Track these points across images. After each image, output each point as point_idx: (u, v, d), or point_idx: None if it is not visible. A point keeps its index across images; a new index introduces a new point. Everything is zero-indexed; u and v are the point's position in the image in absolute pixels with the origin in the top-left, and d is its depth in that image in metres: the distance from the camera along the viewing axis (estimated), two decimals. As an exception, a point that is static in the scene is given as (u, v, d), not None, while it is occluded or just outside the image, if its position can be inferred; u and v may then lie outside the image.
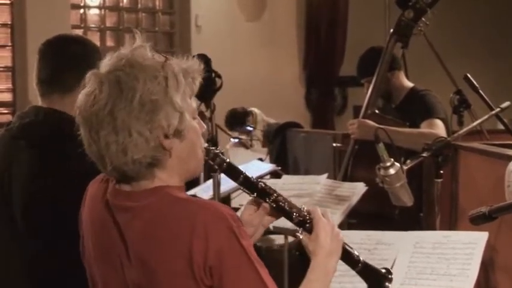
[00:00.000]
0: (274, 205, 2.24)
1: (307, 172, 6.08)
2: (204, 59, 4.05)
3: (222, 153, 2.23)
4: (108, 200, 2.10)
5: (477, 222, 2.57)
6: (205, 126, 2.18)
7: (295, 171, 6.52)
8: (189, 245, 1.94)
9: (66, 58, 2.81)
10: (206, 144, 2.18)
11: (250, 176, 2.24)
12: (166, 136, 2.02)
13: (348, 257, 2.30)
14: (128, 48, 2.09)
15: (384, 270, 2.36)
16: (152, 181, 2.06)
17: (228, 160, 2.22)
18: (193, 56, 2.16)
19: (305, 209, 2.27)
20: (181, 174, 2.10)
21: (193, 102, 2.12)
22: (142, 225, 2.01)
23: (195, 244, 1.94)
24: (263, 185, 2.24)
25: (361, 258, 2.33)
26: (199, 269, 1.94)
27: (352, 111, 9.73)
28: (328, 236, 2.24)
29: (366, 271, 2.34)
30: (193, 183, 4.30)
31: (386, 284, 2.33)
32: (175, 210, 2.00)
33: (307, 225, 2.23)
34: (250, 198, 2.31)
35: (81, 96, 2.07)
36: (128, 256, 2.04)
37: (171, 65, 2.06)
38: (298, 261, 4.67)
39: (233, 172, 2.24)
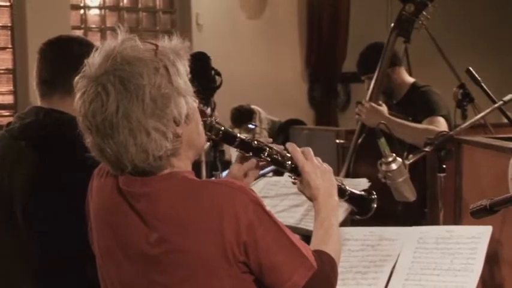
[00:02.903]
0: (269, 159, 2.36)
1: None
2: (203, 57, 4.06)
3: (217, 122, 2.30)
4: (123, 189, 2.09)
5: (478, 215, 2.55)
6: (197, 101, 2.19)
7: (299, 169, 6.47)
8: (219, 225, 1.97)
9: (69, 59, 2.78)
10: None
11: (244, 137, 2.35)
12: (177, 124, 2.03)
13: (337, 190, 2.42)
14: (113, 43, 2.06)
15: (367, 194, 2.57)
16: (168, 169, 2.07)
17: (223, 128, 2.30)
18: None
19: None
20: (190, 156, 2.14)
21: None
22: (166, 210, 2.02)
23: (226, 223, 1.97)
24: (256, 143, 2.35)
25: (348, 188, 2.50)
26: (232, 246, 1.98)
27: (355, 107, 9.68)
28: (318, 177, 2.32)
29: (353, 199, 2.53)
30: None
31: (373, 205, 2.57)
32: (199, 193, 2.03)
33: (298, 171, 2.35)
34: (238, 154, 2.42)
35: (83, 102, 2.04)
36: (149, 241, 2.04)
37: (164, 52, 2.05)
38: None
39: (229, 138, 2.33)
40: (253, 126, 6.85)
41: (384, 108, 4.50)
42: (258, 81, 9.26)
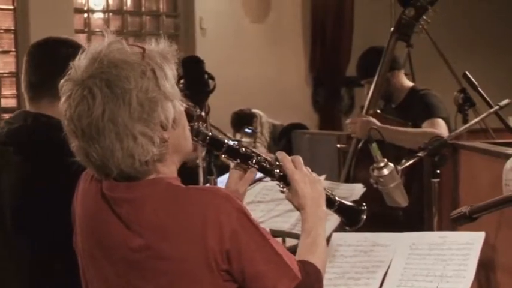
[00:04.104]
0: (257, 166, 2.32)
1: (312, 173, 6.03)
2: (197, 61, 4.04)
3: (205, 127, 2.27)
4: (106, 194, 2.07)
5: (458, 222, 2.53)
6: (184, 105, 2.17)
7: (301, 173, 6.47)
8: (202, 232, 1.95)
9: (58, 62, 2.73)
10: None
11: (231, 143, 2.32)
12: (164, 129, 2.01)
13: (325, 199, 2.37)
14: (100, 46, 2.04)
15: (356, 205, 2.51)
16: (153, 175, 2.05)
17: (210, 133, 2.28)
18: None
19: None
20: (176, 161, 2.11)
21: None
22: (150, 216, 2.00)
23: (209, 231, 1.95)
24: (244, 150, 2.32)
25: (337, 198, 2.45)
26: (215, 254, 1.95)
27: (359, 111, 9.65)
28: (307, 186, 2.28)
29: (342, 209, 2.47)
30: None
31: (362, 216, 2.49)
32: (183, 199, 2.00)
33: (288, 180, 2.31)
34: (233, 165, 2.38)
35: (69, 106, 2.01)
36: (131, 247, 2.01)
37: (151, 55, 2.03)
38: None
39: (217, 144, 2.30)
40: (249, 131, 6.84)
41: (375, 120, 4.48)
42: (261, 85, 9.25)
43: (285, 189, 2.33)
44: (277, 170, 2.31)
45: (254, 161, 2.32)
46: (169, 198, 2.01)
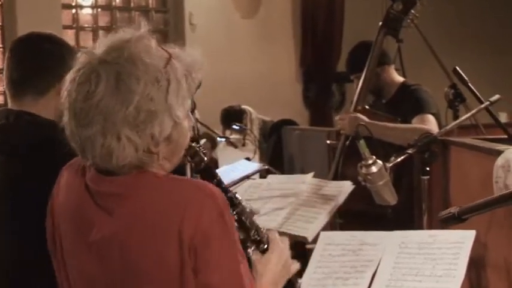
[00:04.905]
0: (236, 217, 2.20)
1: (302, 170, 6.01)
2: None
3: (204, 152, 2.20)
4: (89, 186, 2.02)
5: (448, 223, 2.49)
6: (193, 121, 2.15)
7: (291, 169, 6.47)
8: (179, 223, 1.89)
9: (41, 58, 2.70)
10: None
11: (223, 182, 2.22)
12: (156, 142, 1.95)
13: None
14: (131, 34, 1.98)
15: None
16: (134, 172, 1.99)
17: (206, 159, 2.19)
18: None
19: (265, 230, 2.26)
20: (165, 169, 2.04)
21: (189, 101, 2.03)
22: (134, 210, 1.95)
23: (186, 222, 1.88)
24: (232, 195, 2.21)
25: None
26: (185, 247, 1.89)
27: (349, 106, 9.63)
28: (281, 263, 2.21)
29: None
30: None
31: None
32: (168, 188, 1.96)
33: (261, 245, 2.21)
34: None
35: (73, 79, 1.96)
36: (114, 241, 1.96)
37: (174, 66, 1.96)
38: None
39: (208, 174, 2.21)
40: (237, 127, 6.79)
41: (363, 116, 4.45)
42: (252, 81, 9.21)
43: (253, 252, 2.22)
44: (255, 232, 2.22)
45: (236, 210, 2.21)
46: (154, 191, 1.96)
